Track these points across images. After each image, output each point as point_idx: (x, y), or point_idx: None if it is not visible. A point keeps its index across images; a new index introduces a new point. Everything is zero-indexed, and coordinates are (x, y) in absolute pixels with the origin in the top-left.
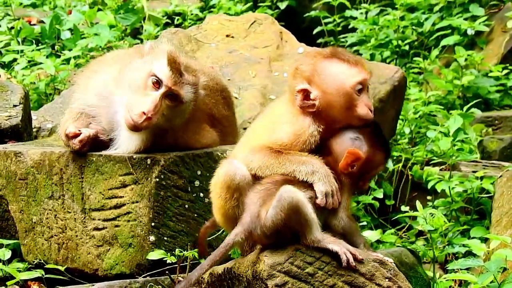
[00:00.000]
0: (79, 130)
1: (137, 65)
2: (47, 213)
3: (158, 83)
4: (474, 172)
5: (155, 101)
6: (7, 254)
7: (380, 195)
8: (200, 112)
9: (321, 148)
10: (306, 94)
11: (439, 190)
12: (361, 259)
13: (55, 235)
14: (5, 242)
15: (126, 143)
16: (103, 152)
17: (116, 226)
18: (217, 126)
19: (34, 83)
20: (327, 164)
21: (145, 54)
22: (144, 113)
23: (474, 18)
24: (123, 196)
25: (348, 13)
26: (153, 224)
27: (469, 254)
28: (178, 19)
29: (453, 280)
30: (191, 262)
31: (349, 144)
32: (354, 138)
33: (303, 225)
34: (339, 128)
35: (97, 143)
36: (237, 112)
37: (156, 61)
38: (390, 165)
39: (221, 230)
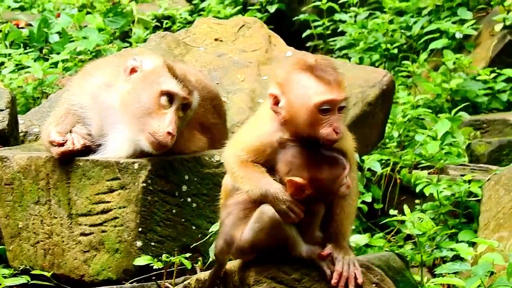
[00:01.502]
0: (63, 140)
1: (140, 87)
2: (33, 219)
3: (171, 99)
4: (462, 175)
5: (174, 118)
6: None
7: (368, 198)
8: (191, 119)
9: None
10: (276, 100)
11: (427, 194)
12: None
13: (41, 241)
14: None
15: (116, 149)
16: (90, 157)
17: (103, 231)
18: (206, 133)
19: (22, 86)
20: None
21: (147, 76)
22: (169, 132)
23: (462, 21)
24: (110, 201)
25: (337, 16)
26: (140, 229)
27: (457, 258)
28: (167, 23)
29: (441, 284)
30: (177, 268)
31: (285, 169)
32: (291, 158)
33: (287, 240)
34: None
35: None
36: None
37: (160, 78)
38: (378, 168)
39: (209, 236)
